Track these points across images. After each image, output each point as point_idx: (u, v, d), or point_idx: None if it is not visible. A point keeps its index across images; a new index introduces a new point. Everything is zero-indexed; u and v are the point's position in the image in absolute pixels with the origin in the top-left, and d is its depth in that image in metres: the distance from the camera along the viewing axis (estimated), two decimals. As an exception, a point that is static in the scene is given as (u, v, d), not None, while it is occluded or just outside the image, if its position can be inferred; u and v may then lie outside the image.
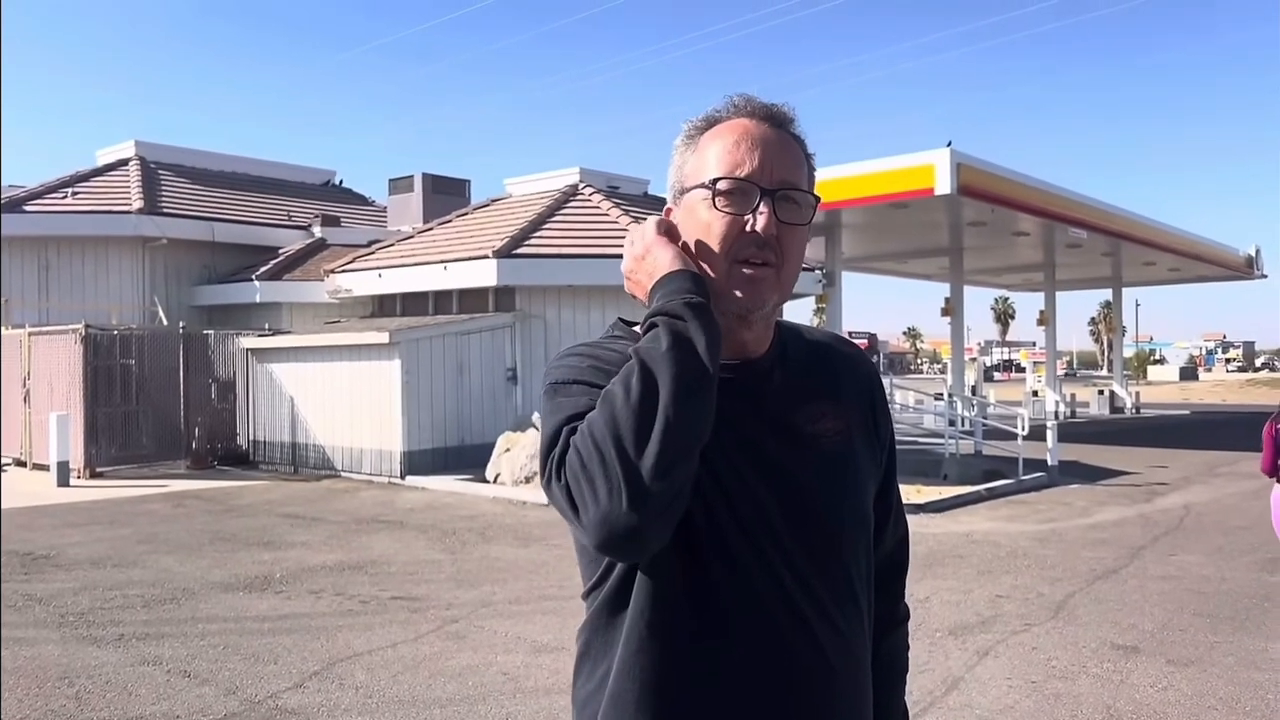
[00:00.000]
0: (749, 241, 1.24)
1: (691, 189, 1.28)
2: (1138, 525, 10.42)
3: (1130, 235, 25.48)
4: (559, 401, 1.23)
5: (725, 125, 1.29)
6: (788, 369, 1.33)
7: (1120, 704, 4.89)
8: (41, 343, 14.74)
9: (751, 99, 1.30)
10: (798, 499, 1.26)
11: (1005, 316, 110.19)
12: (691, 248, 1.27)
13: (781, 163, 1.26)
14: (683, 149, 1.33)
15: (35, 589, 7.16)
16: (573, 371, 1.25)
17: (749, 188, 1.24)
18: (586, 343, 1.32)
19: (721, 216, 1.24)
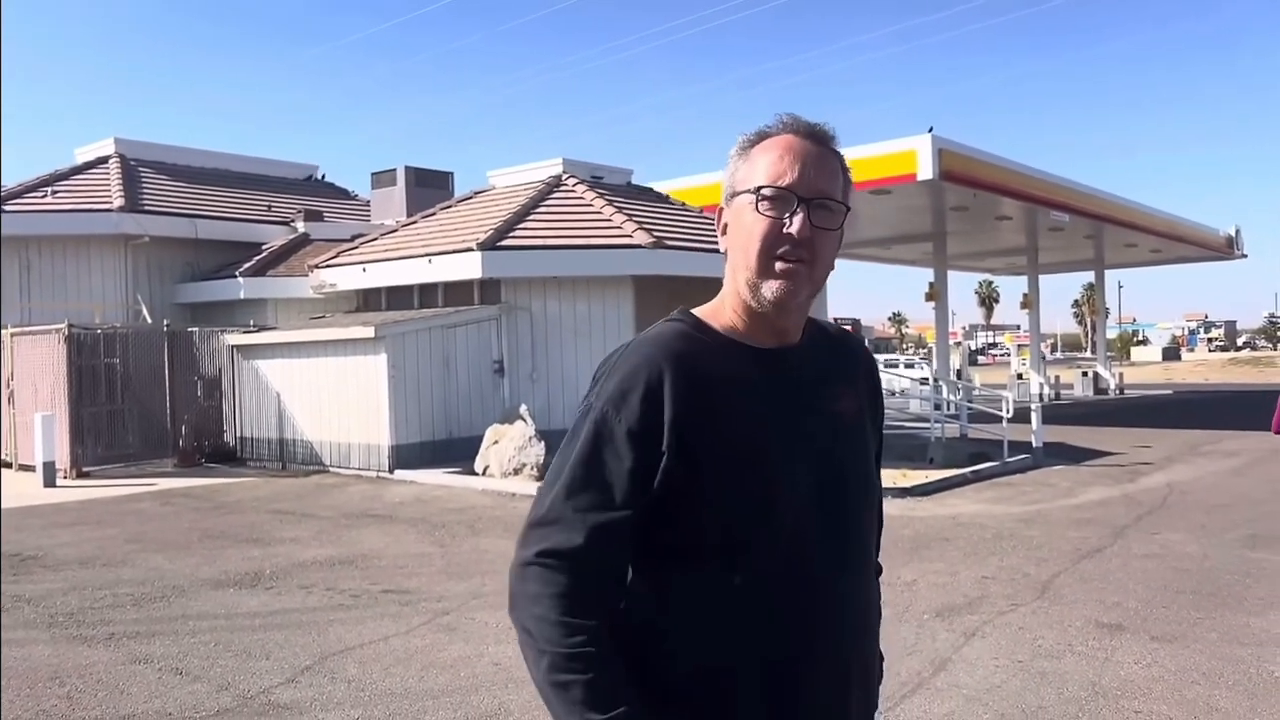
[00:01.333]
0: (786, 241, 1.41)
1: (740, 194, 1.46)
2: (1121, 505, 10.53)
3: (1111, 217, 25.64)
4: (574, 466, 1.41)
5: (773, 140, 1.47)
6: (816, 356, 1.53)
7: (1105, 680, 4.96)
8: (24, 343, 14.65)
9: (798, 118, 1.49)
10: (831, 468, 1.48)
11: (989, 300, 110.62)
12: (735, 248, 1.47)
13: (819, 175, 1.44)
14: (736, 159, 1.50)
15: (24, 590, 7.15)
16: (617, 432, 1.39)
17: (789, 195, 1.41)
18: (646, 347, 1.45)
19: (762, 219, 1.42)
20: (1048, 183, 22.34)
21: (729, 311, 1.49)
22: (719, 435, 1.40)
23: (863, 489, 1.54)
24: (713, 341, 1.47)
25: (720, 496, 1.39)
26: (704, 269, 15.66)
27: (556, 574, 1.36)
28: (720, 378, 1.43)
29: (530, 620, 1.36)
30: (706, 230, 17.30)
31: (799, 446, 1.45)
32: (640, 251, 14.54)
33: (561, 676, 1.33)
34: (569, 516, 1.38)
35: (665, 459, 1.38)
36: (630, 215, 15.73)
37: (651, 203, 18.21)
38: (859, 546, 1.52)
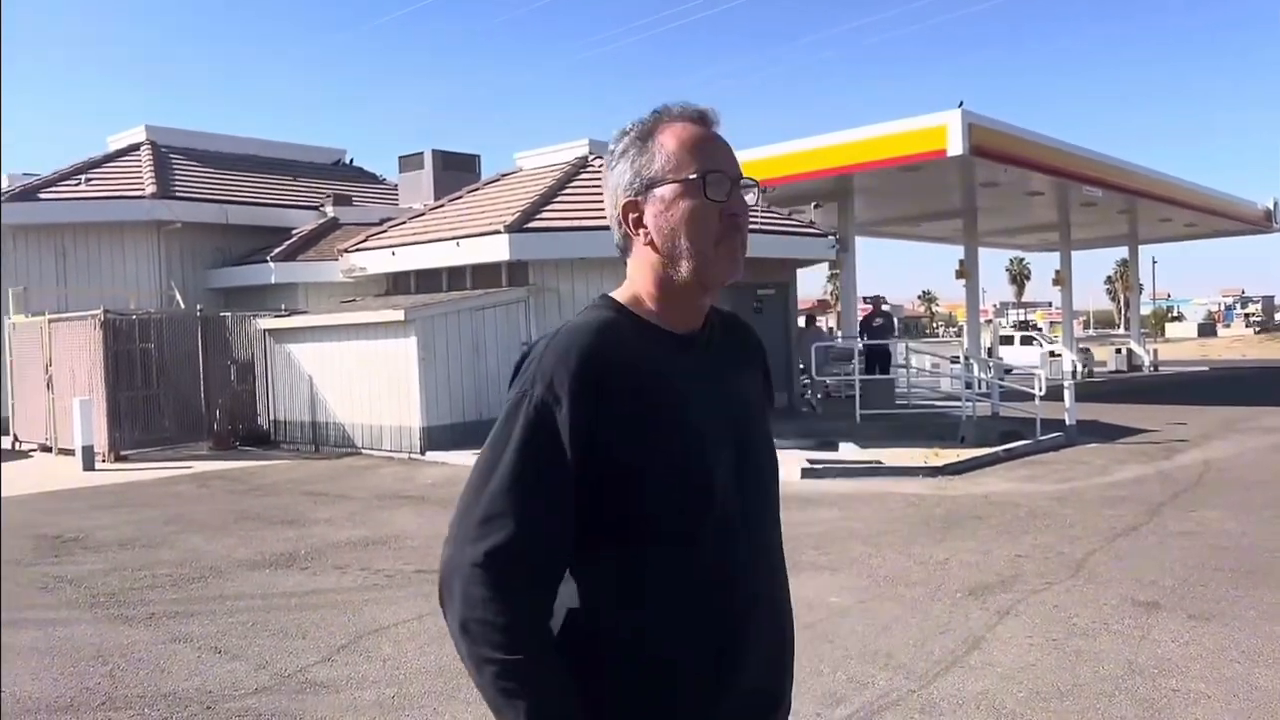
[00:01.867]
0: (729, 223, 1.47)
1: (666, 183, 1.46)
2: (1157, 482, 10.42)
3: (1146, 191, 25.23)
4: (513, 457, 1.39)
5: (679, 127, 1.49)
6: (720, 338, 1.58)
7: (1142, 659, 4.92)
8: (62, 329, 14.86)
9: (692, 105, 1.52)
10: (747, 449, 1.52)
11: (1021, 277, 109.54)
12: (673, 235, 1.46)
13: (734, 157, 1.50)
14: (634, 151, 1.50)
15: (66, 571, 7.28)
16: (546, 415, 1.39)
17: (724, 179, 1.46)
18: (580, 334, 1.44)
19: (710, 204, 1.45)
20: (1080, 157, 22.00)
21: (648, 298, 1.50)
22: (653, 420, 1.40)
23: (772, 469, 1.59)
24: (639, 327, 1.48)
25: (661, 481, 1.40)
26: (732, 248, 15.62)
27: (500, 576, 1.34)
28: (649, 362, 1.44)
29: (474, 624, 1.34)
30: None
31: (723, 429, 1.48)
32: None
33: (507, 684, 1.33)
34: (510, 511, 1.36)
35: (603, 446, 1.37)
36: (657, 195, 15.67)
37: (678, 182, 18.11)
38: (775, 525, 1.58)
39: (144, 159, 21.29)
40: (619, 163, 1.51)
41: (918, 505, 9.34)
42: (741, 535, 1.46)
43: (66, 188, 20.23)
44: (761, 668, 1.48)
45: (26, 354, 15.65)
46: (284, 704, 4.54)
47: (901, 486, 10.42)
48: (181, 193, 20.06)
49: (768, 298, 17.03)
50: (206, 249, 19.69)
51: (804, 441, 13.07)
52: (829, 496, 9.85)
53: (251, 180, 22.05)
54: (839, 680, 4.71)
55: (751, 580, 1.48)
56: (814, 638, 5.34)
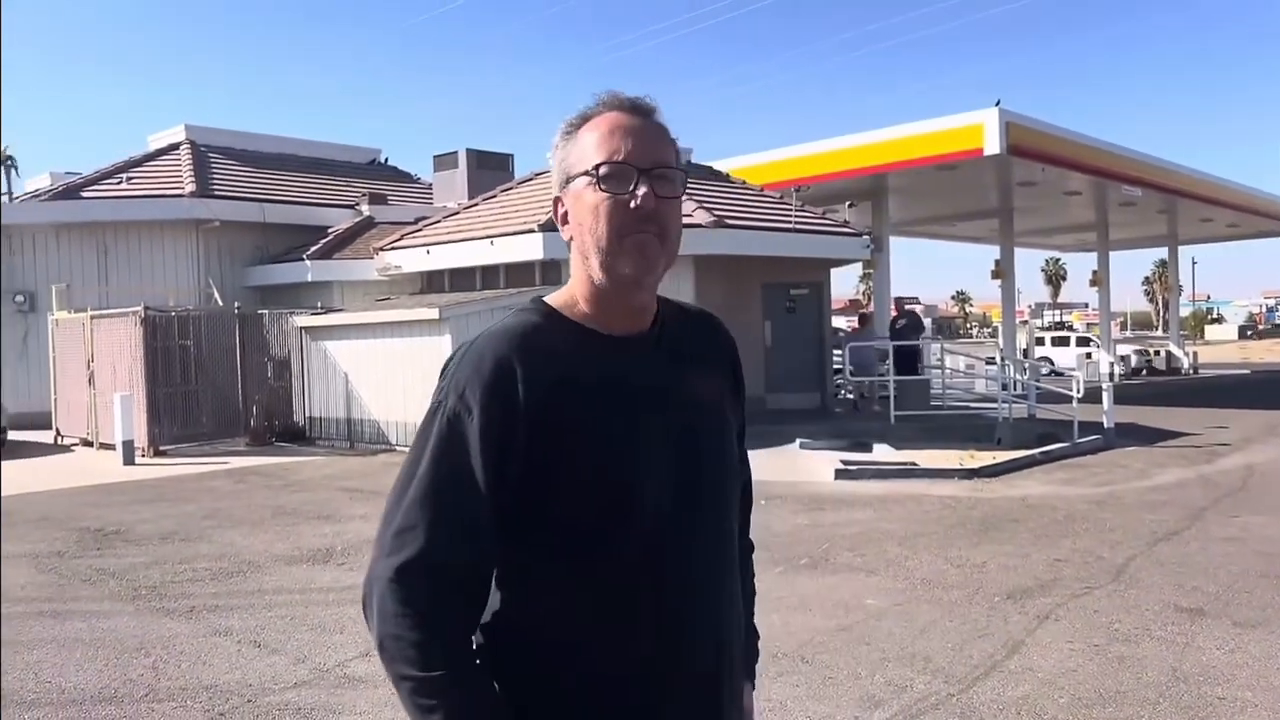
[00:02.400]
0: (633, 216, 1.37)
1: (576, 176, 1.42)
2: (1198, 487, 10.26)
3: (1186, 191, 24.89)
4: (426, 469, 1.37)
5: (599, 118, 1.42)
6: (670, 337, 1.49)
7: (1186, 666, 4.85)
8: (103, 326, 15.07)
9: (618, 94, 1.45)
10: (689, 450, 1.44)
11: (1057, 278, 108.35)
12: (580, 230, 1.41)
13: (653, 145, 1.41)
14: (562, 144, 1.46)
15: (108, 564, 7.39)
16: (462, 420, 1.36)
17: (627, 169, 1.38)
18: (495, 341, 1.41)
19: (607, 197, 1.38)
20: (1119, 156, 21.73)
21: (580, 299, 1.44)
22: (573, 427, 1.36)
23: (721, 470, 1.50)
24: (564, 330, 1.42)
25: (575, 490, 1.36)
26: (764, 248, 15.58)
27: (414, 590, 1.31)
28: (572, 367, 1.39)
29: (389, 640, 1.32)
30: (768, 209, 17.18)
31: (655, 432, 1.41)
32: (701, 231, 14.47)
33: (424, 700, 1.30)
34: (424, 523, 1.33)
35: (522, 454, 1.34)
36: (690, 194, 15.62)
37: (712, 181, 18.10)
38: (720, 529, 1.50)
39: (183, 158, 21.57)
40: (554, 156, 1.47)
41: (954, 507, 9.26)
42: (674, 538, 1.40)
43: (108, 186, 20.56)
44: (700, 665, 1.43)
45: (69, 350, 15.90)
46: (323, 698, 4.58)
47: (937, 488, 10.34)
48: (220, 191, 20.31)
49: (801, 297, 16.95)
50: (244, 247, 19.90)
51: (837, 442, 13.00)
52: (863, 498, 9.79)
53: (289, 179, 22.28)
54: (877, 683, 4.68)
55: (686, 584, 1.42)
56: (851, 640, 5.31)
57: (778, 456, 12.05)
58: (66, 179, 22.25)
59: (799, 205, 16.73)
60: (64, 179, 22.44)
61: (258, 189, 21.07)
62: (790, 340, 16.63)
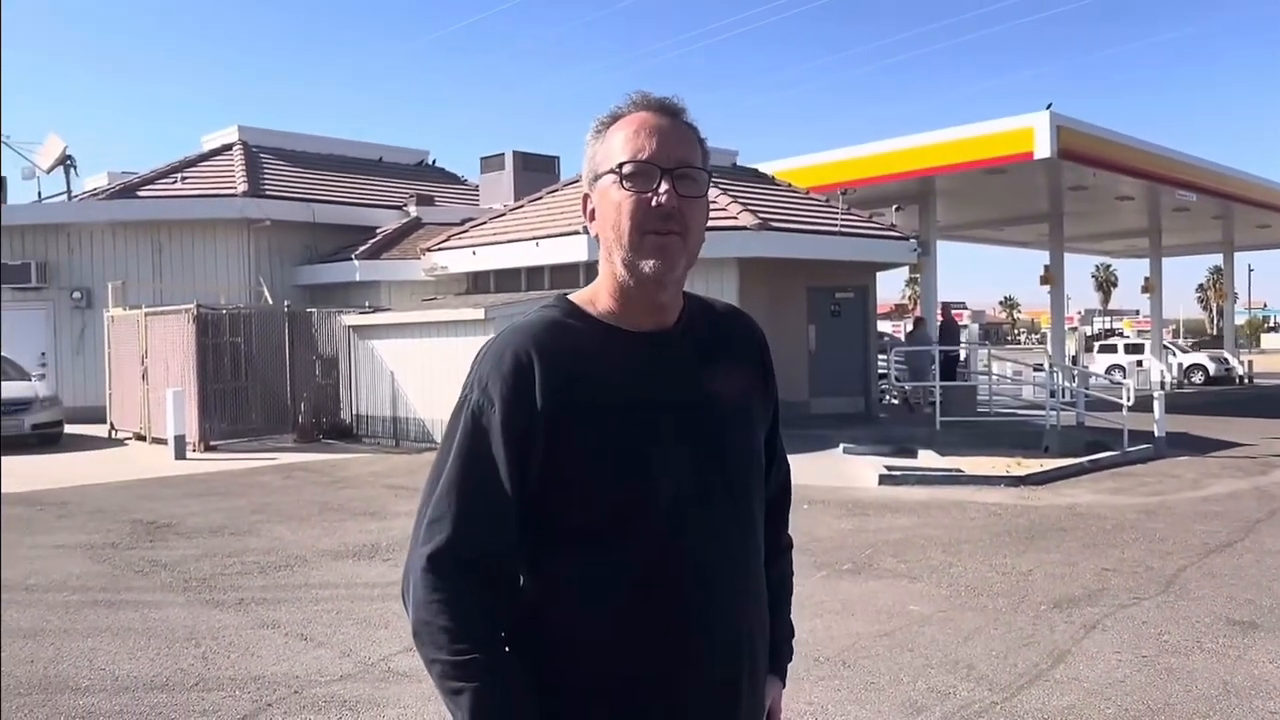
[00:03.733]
0: (655, 215, 1.40)
1: (603, 175, 1.44)
2: (1253, 498, 10.05)
3: (1243, 196, 24.38)
4: (454, 461, 1.41)
5: (627, 118, 1.45)
6: (696, 334, 1.51)
7: (1238, 679, 4.76)
8: (157, 322, 15.39)
9: (648, 94, 1.47)
10: (712, 448, 1.46)
11: (1107, 284, 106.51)
12: (604, 226, 1.44)
13: (677, 145, 1.43)
14: (592, 143, 1.48)
15: (160, 555, 7.55)
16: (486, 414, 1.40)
17: (651, 168, 1.40)
18: (516, 336, 1.44)
19: (630, 195, 1.40)
20: (1173, 160, 21.33)
21: (605, 295, 1.47)
22: (591, 422, 1.39)
23: (745, 467, 1.51)
24: (587, 327, 1.45)
25: (594, 486, 1.38)
26: (810, 250, 15.49)
27: (443, 578, 1.36)
28: (592, 362, 1.42)
29: (421, 625, 1.36)
30: (813, 211, 17.09)
31: (675, 428, 1.43)
32: (745, 233, 14.44)
33: (452, 684, 1.34)
34: (452, 513, 1.38)
35: (541, 448, 1.37)
36: (735, 197, 15.62)
37: (757, 184, 18.06)
38: (742, 526, 1.50)
39: (236, 158, 21.95)
40: (585, 154, 1.50)
41: (999, 515, 9.15)
42: (693, 535, 1.42)
43: (163, 186, 20.99)
44: (718, 666, 1.44)
45: (124, 346, 16.25)
46: (368, 691, 4.64)
47: (982, 495, 10.22)
48: (271, 191, 20.64)
49: (846, 301, 16.85)
50: (294, 246, 20.20)
51: (881, 448, 12.91)
52: (907, 504, 9.70)
53: (338, 180, 22.58)
54: (919, 689, 4.64)
55: (704, 580, 1.42)
56: (893, 646, 5.28)
57: (821, 461, 11.99)
58: (123, 178, 22.76)
59: (845, 208, 16.63)
60: (121, 178, 22.96)
61: (308, 189, 21.39)
62: (835, 344, 16.53)
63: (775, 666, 1.64)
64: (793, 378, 15.19)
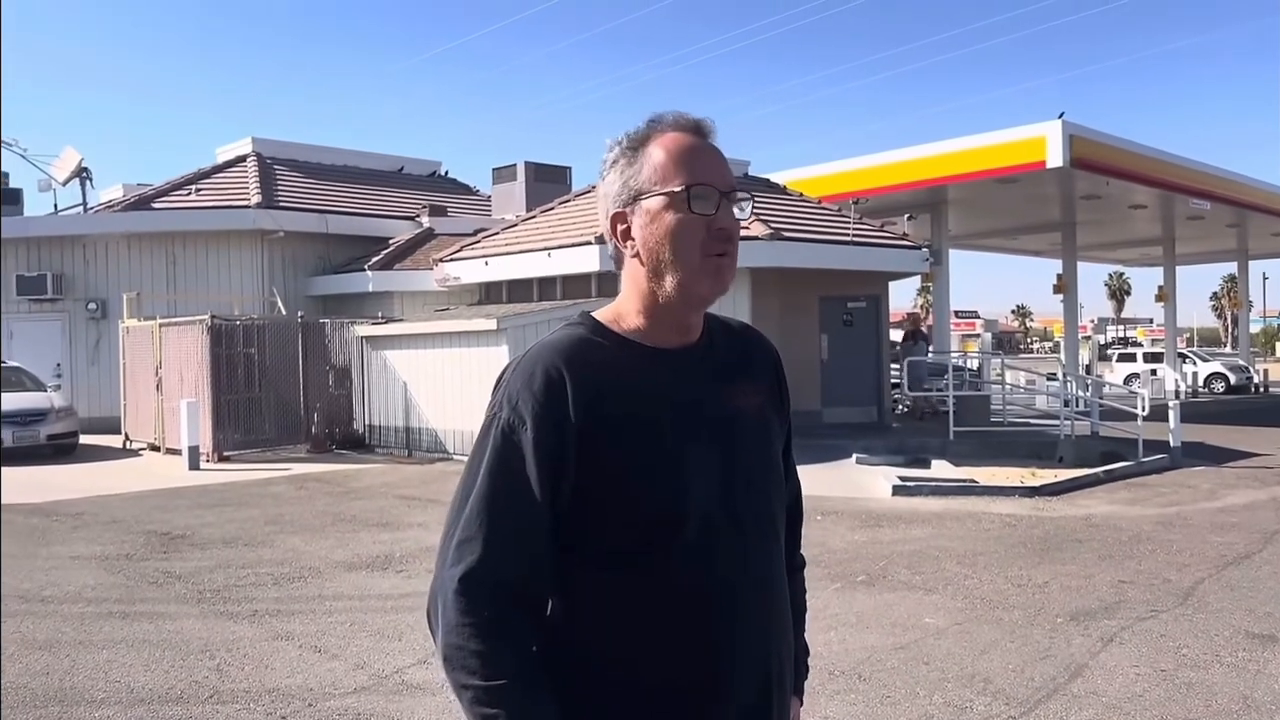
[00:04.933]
0: (718, 238, 1.43)
1: (652, 195, 1.43)
2: (1270, 509, 9.96)
3: (1258, 205, 24.27)
4: (484, 481, 1.40)
5: (673, 138, 1.46)
6: (717, 353, 1.53)
7: (1259, 694, 4.71)
8: (171, 333, 15.46)
9: (683, 114, 1.49)
10: (738, 466, 1.47)
11: (1120, 293, 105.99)
12: (658, 249, 1.43)
13: (726, 168, 1.46)
14: (625, 161, 1.47)
15: (174, 567, 7.57)
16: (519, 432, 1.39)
17: (712, 192, 1.42)
18: (545, 354, 1.44)
19: (696, 218, 1.42)
20: (1187, 169, 21.26)
21: (632, 314, 1.48)
22: (622, 440, 1.39)
23: (769, 485, 1.53)
24: (613, 344, 1.45)
25: (626, 503, 1.38)
26: (822, 260, 15.48)
27: (475, 601, 1.35)
28: (621, 380, 1.42)
29: (451, 650, 1.35)
30: (826, 221, 17.08)
31: (705, 446, 1.44)
32: (757, 243, 14.43)
33: (485, 710, 1.32)
34: (483, 534, 1.37)
35: (573, 465, 1.37)
36: (748, 207, 15.59)
37: (769, 194, 18.06)
38: (767, 542, 1.51)
39: (250, 170, 22.08)
40: (609, 172, 1.49)
41: (1014, 526, 9.10)
42: (722, 553, 1.42)
43: (178, 197, 21.12)
44: (747, 687, 1.44)
45: (138, 357, 16.33)
46: (381, 705, 4.64)
47: (997, 506, 10.17)
48: (284, 203, 20.74)
49: (858, 310, 16.82)
50: (307, 257, 20.30)
51: (895, 458, 12.86)
52: (921, 515, 9.66)
53: (351, 191, 22.69)
54: (935, 703, 4.61)
55: (734, 600, 1.43)
56: (908, 659, 5.25)
57: (834, 471, 11.95)
58: (138, 190, 22.91)
59: (857, 217, 16.61)
60: (136, 190, 23.11)
61: (321, 200, 21.49)
62: (847, 354, 16.50)
63: (794, 685, 1.63)
64: (805, 387, 15.16)
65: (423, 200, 22.77)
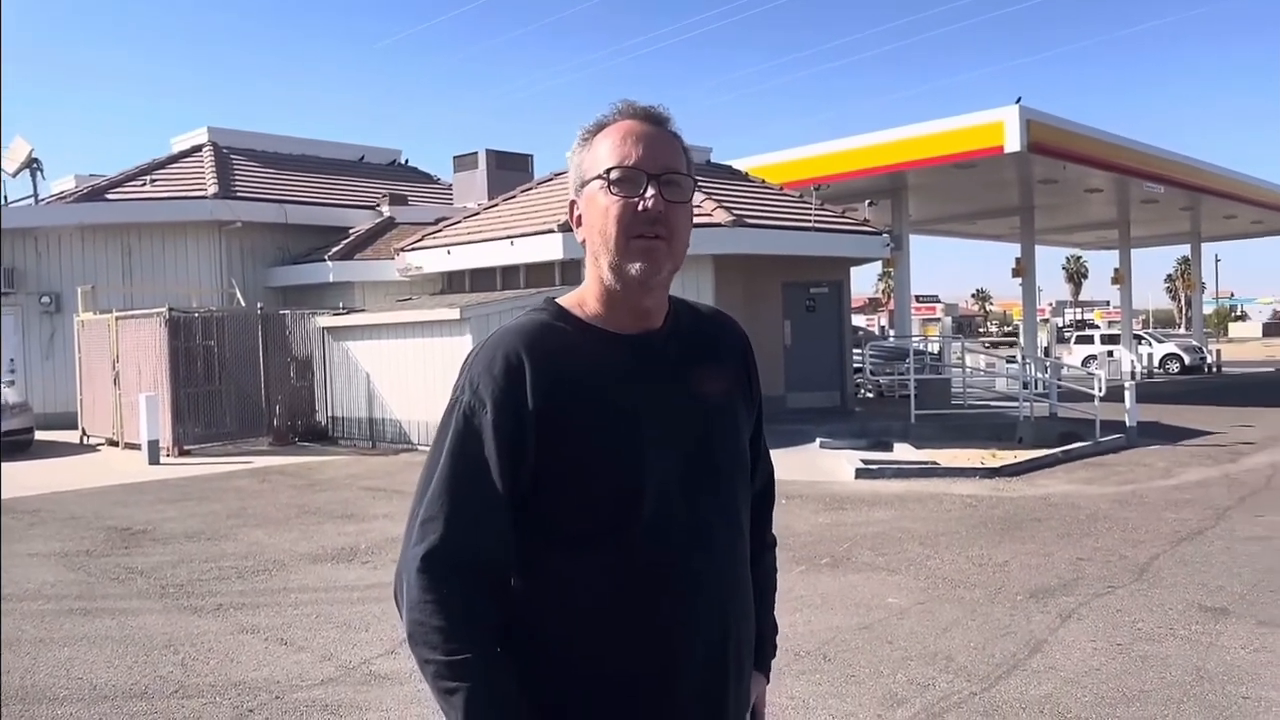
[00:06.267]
0: (641, 219, 1.43)
1: (590, 181, 1.47)
2: (1223, 486, 10.19)
3: (1210, 188, 24.71)
4: (445, 462, 1.42)
5: (613, 126, 1.48)
6: (681, 337, 1.54)
7: (1211, 665, 4.83)
8: (128, 326, 15.22)
9: (633, 103, 1.51)
10: (699, 449, 1.48)
11: (1078, 276, 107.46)
12: (591, 231, 1.47)
13: (663, 152, 1.46)
14: (579, 150, 1.51)
15: (136, 562, 7.48)
16: (480, 414, 1.42)
17: (637, 174, 1.43)
18: (506, 339, 1.46)
19: (617, 200, 1.43)
20: (1142, 153, 21.60)
21: (592, 299, 1.49)
22: (580, 424, 1.41)
23: (731, 467, 1.53)
24: (575, 329, 1.47)
25: (583, 486, 1.41)
26: (784, 246, 15.56)
27: (436, 578, 1.37)
28: (582, 365, 1.44)
29: (414, 626, 1.38)
30: (787, 208, 17.17)
31: (664, 430, 1.45)
32: (720, 230, 14.48)
33: (446, 684, 1.35)
34: (444, 514, 1.39)
35: (532, 448, 1.39)
36: (710, 194, 15.65)
37: (731, 181, 18.11)
38: (728, 525, 1.51)
39: (206, 160, 21.76)
40: (571, 160, 1.53)
41: (975, 506, 9.24)
42: (681, 536, 1.44)
43: (132, 188, 20.77)
44: (704, 668, 1.46)
45: (94, 351, 16.07)
46: (350, 695, 4.63)
47: (958, 487, 10.31)
48: (242, 192, 20.47)
49: (821, 296, 16.93)
50: (266, 248, 20.06)
51: (858, 442, 12.99)
52: (884, 497, 9.78)
53: (310, 180, 22.43)
54: (899, 681, 4.69)
55: (693, 582, 1.44)
56: (872, 639, 5.32)
57: (798, 456, 12.05)
58: (91, 181, 22.51)
59: (818, 204, 16.71)
60: (88, 181, 22.70)
61: (279, 190, 21.23)
62: (810, 339, 16.61)
63: (760, 662, 1.66)
64: (769, 373, 15.19)
65: (383, 189, 22.57)
